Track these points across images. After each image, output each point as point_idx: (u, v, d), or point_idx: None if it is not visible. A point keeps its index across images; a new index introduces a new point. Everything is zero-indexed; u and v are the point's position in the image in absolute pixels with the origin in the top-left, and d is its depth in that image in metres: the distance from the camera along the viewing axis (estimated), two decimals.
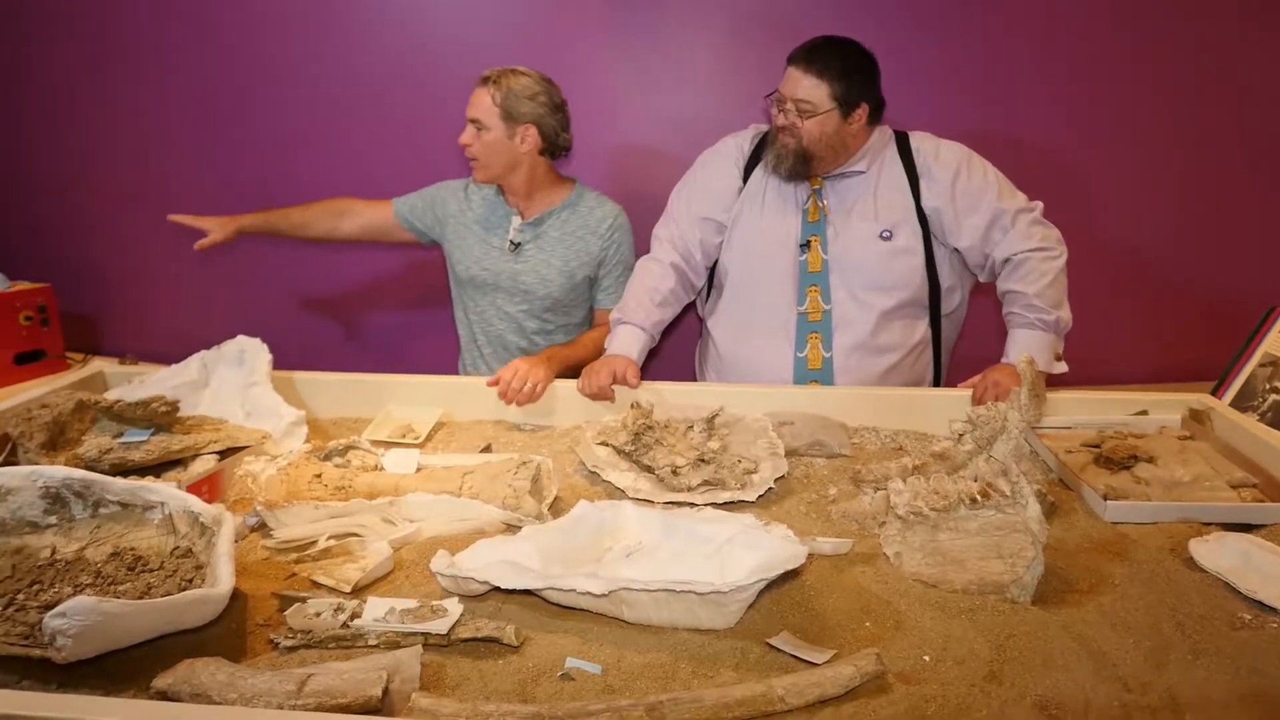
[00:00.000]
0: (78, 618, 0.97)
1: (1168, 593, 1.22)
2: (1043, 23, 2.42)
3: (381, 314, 2.97)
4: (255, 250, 2.86)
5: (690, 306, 2.26)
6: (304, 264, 2.90)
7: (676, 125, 2.59)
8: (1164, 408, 1.78)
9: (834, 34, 1.96)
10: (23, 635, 1.07)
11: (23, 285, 2.61)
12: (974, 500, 1.24)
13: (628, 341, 1.99)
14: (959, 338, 2.23)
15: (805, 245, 2.02)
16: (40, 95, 2.96)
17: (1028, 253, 1.94)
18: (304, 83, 2.74)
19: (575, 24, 2.57)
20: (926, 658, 1.08)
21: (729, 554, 1.20)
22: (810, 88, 1.92)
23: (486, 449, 1.72)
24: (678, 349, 2.62)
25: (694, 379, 2.30)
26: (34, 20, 2.89)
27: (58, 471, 1.26)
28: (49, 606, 1.13)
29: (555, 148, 2.17)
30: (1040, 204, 2.00)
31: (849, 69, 1.93)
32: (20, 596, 1.16)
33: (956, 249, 2.02)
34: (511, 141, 2.10)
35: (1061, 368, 1.91)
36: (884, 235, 1.99)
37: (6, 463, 1.59)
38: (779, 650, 1.09)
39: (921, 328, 2.07)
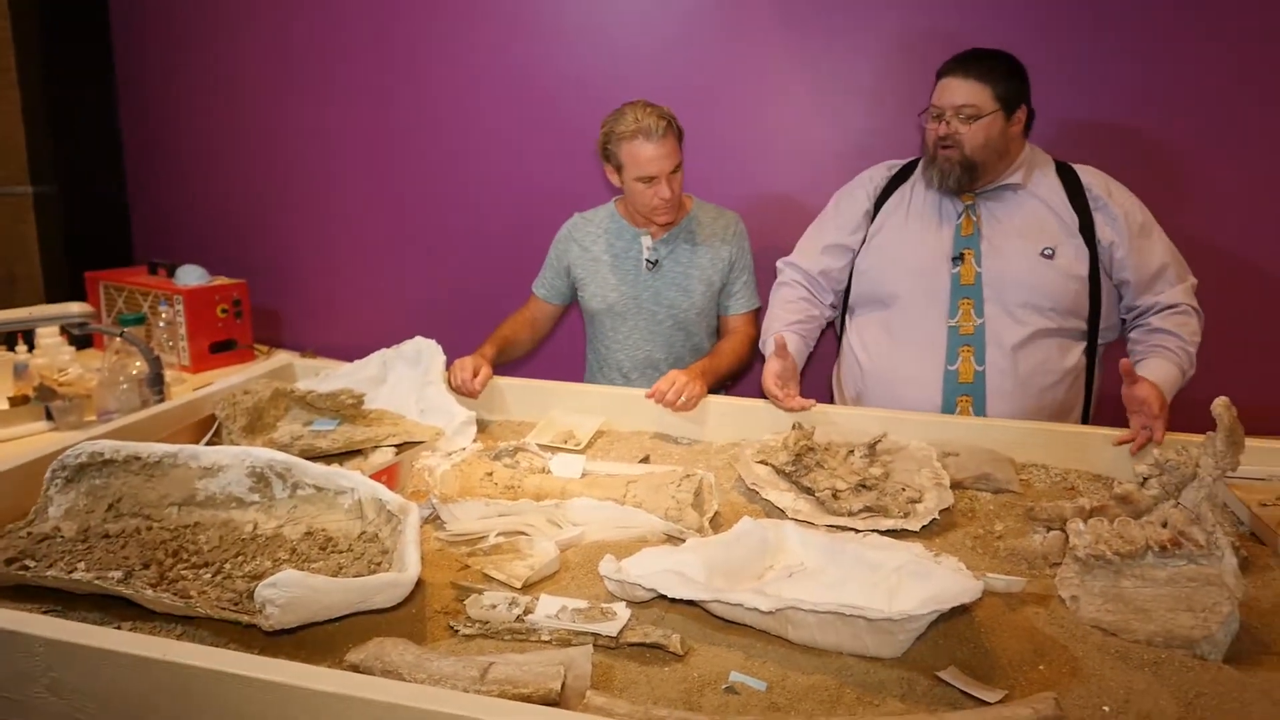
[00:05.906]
0: (287, 589, 1.04)
1: None
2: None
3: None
4: (404, 259, 3.01)
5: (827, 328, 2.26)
6: (442, 266, 3.04)
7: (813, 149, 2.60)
8: None
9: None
10: (232, 601, 1.16)
11: (221, 280, 2.84)
12: (1163, 548, 1.18)
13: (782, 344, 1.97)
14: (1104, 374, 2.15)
15: (958, 258, 1.99)
16: (239, 110, 3.22)
17: (1191, 310, 1.95)
18: (475, 88, 2.87)
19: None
20: (1106, 708, 1.03)
21: (898, 583, 1.18)
22: (971, 91, 1.92)
23: (645, 459, 1.75)
24: (812, 371, 2.58)
25: (830, 400, 2.26)
26: (223, 35, 3.15)
27: (264, 453, 1.37)
28: (252, 577, 1.23)
29: None
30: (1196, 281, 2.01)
31: (1009, 71, 1.94)
32: (227, 565, 1.26)
33: (1118, 284, 2.01)
34: (680, 173, 2.19)
35: None
36: (1045, 253, 1.96)
37: (211, 442, 1.74)
38: (947, 684, 1.07)
39: (1077, 353, 2.02)
